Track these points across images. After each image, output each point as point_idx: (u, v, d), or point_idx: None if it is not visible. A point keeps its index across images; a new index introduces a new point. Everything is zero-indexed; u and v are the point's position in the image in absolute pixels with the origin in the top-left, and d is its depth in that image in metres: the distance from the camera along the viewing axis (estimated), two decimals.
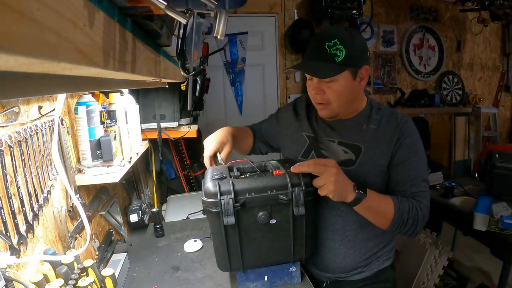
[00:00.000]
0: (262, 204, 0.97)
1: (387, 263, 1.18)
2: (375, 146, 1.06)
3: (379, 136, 1.06)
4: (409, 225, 1.00)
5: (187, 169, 2.44)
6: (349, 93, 1.04)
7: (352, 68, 1.00)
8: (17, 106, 0.78)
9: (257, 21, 3.41)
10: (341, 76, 1.00)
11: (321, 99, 1.06)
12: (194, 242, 1.45)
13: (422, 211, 1.01)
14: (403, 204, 1.00)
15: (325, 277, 1.21)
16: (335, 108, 1.06)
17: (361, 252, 1.13)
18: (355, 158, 1.08)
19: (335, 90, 1.02)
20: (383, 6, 3.69)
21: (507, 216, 1.84)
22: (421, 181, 1.04)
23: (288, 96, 3.58)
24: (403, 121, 1.06)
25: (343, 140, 1.11)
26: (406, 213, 0.99)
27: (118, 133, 1.20)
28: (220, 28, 0.53)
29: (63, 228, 0.97)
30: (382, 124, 1.07)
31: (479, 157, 3.34)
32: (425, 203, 1.03)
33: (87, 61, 0.32)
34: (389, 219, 0.99)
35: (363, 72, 1.04)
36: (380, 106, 1.13)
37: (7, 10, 0.18)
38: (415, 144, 1.05)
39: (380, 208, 1.00)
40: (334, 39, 0.98)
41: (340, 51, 0.98)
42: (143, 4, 0.43)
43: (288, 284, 1.13)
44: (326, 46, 0.99)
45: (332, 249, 1.14)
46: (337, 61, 0.98)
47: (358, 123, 1.10)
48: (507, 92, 4.25)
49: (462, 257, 2.87)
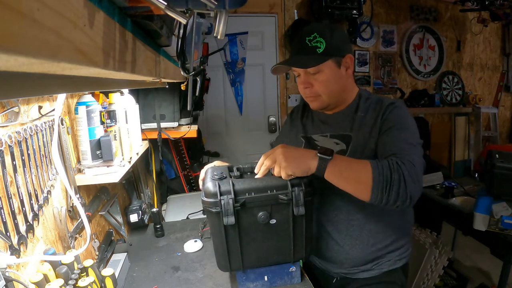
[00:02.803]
0: (262, 204, 0.97)
1: (399, 263, 1.15)
2: (363, 133, 1.07)
3: (366, 121, 1.08)
4: (396, 182, 0.85)
5: (187, 169, 2.44)
6: (335, 82, 1.07)
7: (335, 57, 1.05)
8: (17, 106, 0.78)
9: (257, 21, 3.41)
10: (325, 66, 1.04)
11: (310, 93, 1.10)
12: (194, 242, 1.45)
13: (405, 165, 0.86)
14: (381, 162, 0.88)
15: (335, 273, 1.21)
16: (325, 99, 1.10)
17: (368, 243, 1.11)
18: (346, 147, 1.10)
19: (322, 81, 1.07)
20: (383, 6, 3.69)
21: (507, 216, 1.84)
22: (404, 144, 0.95)
23: (288, 96, 3.58)
24: (388, 102, 1.07)
25: (334, 132, 1.14)
26: (387, 169, 0.86)
27: (118, 133, 1.20)
28: (220, 28, 0.53)
29: (63, 228, 0.97)
30: (370, 110, 1.09)
31: (479, 157, 3.33)
32: (409, 159, 0.88)
33: (87, 61, 0.32)
34: (369, 181, 0.86)
35: (347, 60, 1.07)
36: (369, 96, 1.14)
37: (7, 10, 0.18)
38: (399, 117, 1.02)
39: (354, 171, 0.90)
40: (313, 33, 1.04)
41: (320, 43, 1.03)
42: (143, 4, 0.43)
43: (288, 284, 1.13)
44: (306, 41, 1.04)
45: (338, 240, 1.14)
46: (318, 52, 1.03)
47: (348, 114, 1.13)
48: (507, 92, 4.25)
49: (462, 257, 2.87)
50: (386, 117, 1.04)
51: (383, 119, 1.04)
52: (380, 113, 1.05)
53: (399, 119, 1.02)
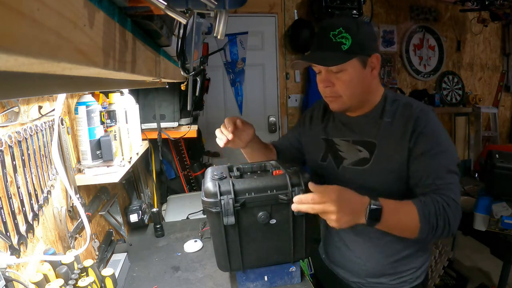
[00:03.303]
0: (262, 204, 0.97)
1: (419, 280, 1.11)
2: (389, 141, 0.99)
3: (394, 129, 0.99)
4: (440, 228, 0.88)
5: (187, 169, 2.44)
6: (359, 83, 0.98)
7: (360, 56, 0.95)
8: (17, 106, 0.78)
9: (257, 21, 3.41)
10: (349, 65, 0.95)
11: (331, 92, 1.01)
12: (194, 242, 1.45)
13: (450, 207, 0.88)
14: (427, 206, 0.88)
15: (352, 281, 1.17)
16: (346, 100, 1.00)
17: (386, 255, 1.07)
18: (369, 156, 1.02)
19: (344, 80, 0.97)
20: (383, 6, 3.69)
21: (507, 216, 1.84)
22: (445, 173, 0.92)
23: (288, 96, 3.58)
24: (418, 109, 0.97)
25: (357, 138, 1.06)
26: (434, 216, 0.87)
27: (118, 133, 1.20)
28: (220, 28, 0.53)
29: (63, 228, 0.97)
30: (397, 116, 1.00)
31: (479, 157, 3.33)
32: (453, 196, 0.90)
33: (87, 61, 0.32)
34: (416, 230, 0.88)
35: (373, 60, 0.97)
36: (396, 97, 1.04)
37: (7, 10, 0.18)
38: (434, 132, 0.95)
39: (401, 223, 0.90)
40: (338, 28, 0.93)
41: (346, 39, 0.93)
42: (143, 4, 0.43)
43: (288, 284, 1.13)
44: (331, 35, 0.94)
45: (356, 251, 1.11)
46: (343, 49, 0.93)
47: (372, 118, 1.04)
48: (507, 92, 4.25)
49: (462, 257, 2.87)
50: (421, 132, 0.94)
51: (417, 134, 0.95)
52: (410, 123, 0.96)
53: (435, 138, 0.94)
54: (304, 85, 3.59)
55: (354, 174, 1.05)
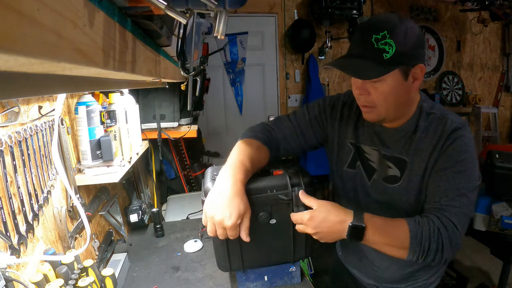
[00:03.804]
0: (262, 204, 0.97)
1: (433, 285, 1.10)
2: (418, 160, 0.92)
3: (425, 145, 0.91)
4: (432, 253, 0.82)
5: (187, 169, 2.44)
6: (398, 95, 0.87)
7: (403, 66, 0.83)
8: (17, 106, 0.78)
9: (257, 21, 3.42)
10: (390, 76, 0.84)
11: (365, 101, 0.91)
12: (194, 242, 1.45)
13: (447, 231, 0.82)
14: (421, 227, 0.82)
15: (367, 283, 1.17)
16: (382, 112, 0.90)
17: (405, 265, 1.05)
18: (400, 174, 0.95)
19: (382, 91, 0.86)
20: (383, 6, 3.69)
21: (507, 216, 1.84)
22: (456, 195, 0.85)
23: (288, 96, 3.58)
24: (451, 128, 0.89)
25: (388, 152, 0.98)
26: (427, 239, 0.81)
27: (118, 133, 1.20)
28: (220, 28, 0.53)
29: (63, 228, 0.97)
30: (430, 131, 0.92)
31: (479, 157, 3.33)
32: (455, 221, 0.83)
33: (87, 61, 0.32)
34: (405, 249, 0.83)
35: (417, 71, 0.86)
36: (430, 110, 0.94)
37: (7, 10, 0.18)
38: (459, 152, 0.87)
39: (389, 240, 0.86)
40: (383, 31, 0.81)
41: (389, 45, 0.81)
42: (143, 4, 0.43)
43: (288, 284, 1.13)
44: (373, 40, 0.82)
45: (375, 260, 1.10)
46: (385, 57, 0.81)
47: (406, 133, 0.95)
48: (507, 92, 4.25)
49: (462, 257, 2.87)
50: (446, 149, 0.88)
51: (442, 150, 0.88)
52: (441, 140, 0.89)
53: (458, 156, 0.87)
54: (304, 85, 3.59)
55: (384, 190, 1.00)
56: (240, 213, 0.84)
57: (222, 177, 0.88)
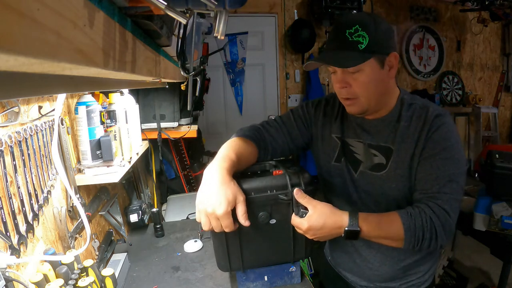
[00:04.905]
0: (262, 204, 0.97)
1: (427, 283, 1.11)
2: (405, 147, 0.96)
3: (410, 133, 0.95)
4: (427, 241, 0.87)
5: (187, 169, 2.44)
6: (377, 84, 0.93)
7: (378, 55, 0.90)
8: (17, 106, 0.78)
9: (257, 21, 3.42)
10: (367, 65, 0.90)
11: (347, 94, 0.95)
12: (194, 242, 1.45)
13: (439, 218, 0.86)
14: (413, 219, 0.86)
15: (360, 285, 1.17)
16: (364, 102, 0.95)
17: (399, 259, 1.07)
18: (385, 161, 0.99)
19: (362, 82, 0.92)
20: (383, 6, 3.70)
21: (507, 216, 1.84)
22: (446, 181, 0.89)
23: (288, 96, 3.59)
24: (434, 114, 0.94)
25: (373, 142, 1.02)
26: (420, 229, 0.86)
27: (118, 133, 1.20)
28: (220, 28, 0.53)
29: (63, 228, 0.97)
30: (413, 119, 0.96)
31: (479, 157, 3.33)
32: (446, 208, 0.87)
33: (87, 61, 0.32)
34: (400, 240, 0.88)
35: (391, 59, 0.92)
36: (412, 101, 1.00)
37: (7, 10, 0.18)
38: (444, 139, 0.92)
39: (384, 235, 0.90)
40: (355, 25, 0.88)
41: (363, 37, 0.88)
42: (143, 4, 0.43)
43: (288, 284, 1.13)
44: (347, 34, 0.88)
45: (368, 257, 1.11)
46: (360, 48, 0.88)
47: (389, 122, 1.00)
48: (507, 92, 4.25)
49: (462, 257, 2.87)
50: (431, 136, 0.92)
51: (428, 137, 0.93)
52: (425, 127, 0.93)
53: (444, 143, 0.92)
54: (304, 85, 3.59)
55: (372, 180, 1.02)
56: (228, 199, 0.83)
57: (208, 170, 0.91)
